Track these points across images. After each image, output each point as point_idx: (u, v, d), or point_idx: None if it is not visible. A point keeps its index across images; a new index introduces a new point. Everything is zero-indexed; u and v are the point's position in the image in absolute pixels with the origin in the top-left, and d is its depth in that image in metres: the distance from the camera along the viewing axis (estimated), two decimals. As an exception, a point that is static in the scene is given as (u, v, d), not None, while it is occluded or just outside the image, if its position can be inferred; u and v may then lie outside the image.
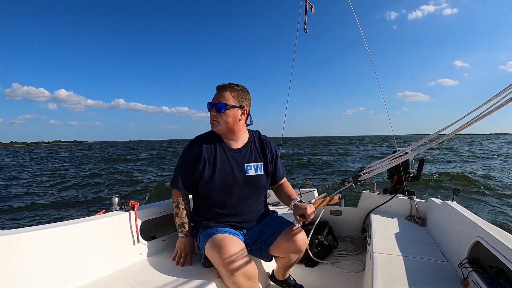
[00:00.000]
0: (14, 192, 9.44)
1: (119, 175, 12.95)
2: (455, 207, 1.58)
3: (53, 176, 13.65)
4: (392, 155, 1.64)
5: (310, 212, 1.34)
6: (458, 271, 1.19)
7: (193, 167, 1.36)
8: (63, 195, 8.92)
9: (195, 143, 1.39)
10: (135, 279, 1.22)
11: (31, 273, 1.02)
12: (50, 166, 19.63)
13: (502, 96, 0.98)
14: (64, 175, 13.94)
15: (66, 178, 12.57)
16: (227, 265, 1.14)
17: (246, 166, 1.41)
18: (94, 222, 1.28)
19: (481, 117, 1.05)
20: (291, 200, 1.48)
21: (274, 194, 1.63)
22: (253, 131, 1.53)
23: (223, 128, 1.35)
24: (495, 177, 9.59)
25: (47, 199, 8.17)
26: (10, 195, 8.93)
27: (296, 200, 1.45)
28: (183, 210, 1.40)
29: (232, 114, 1.34)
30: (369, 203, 2.35)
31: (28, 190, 9.76)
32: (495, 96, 1.01)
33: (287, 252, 1.39)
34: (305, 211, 1.34)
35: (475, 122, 1.07)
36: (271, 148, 1.53)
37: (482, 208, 5.92)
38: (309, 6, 2.43)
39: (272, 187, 1.61)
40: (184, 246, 1.40)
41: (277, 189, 1.61)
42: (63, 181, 11.65)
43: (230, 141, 1.42)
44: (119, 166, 17.14)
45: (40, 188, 10.18)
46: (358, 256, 2.10)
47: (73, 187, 10.35)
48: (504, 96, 0.97)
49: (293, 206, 1.42)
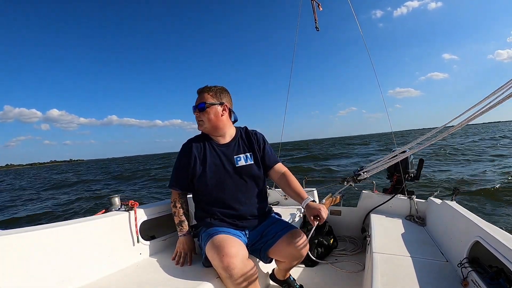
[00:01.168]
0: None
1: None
2: (454, 207, 1.58)
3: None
4: (391, 153, 1.64)
5: (325, 213, 1.32)
6: (458, 271, 1.19)
7: (186, 166, 1.42)
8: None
9: (186, 145, 1.48)
10: (135, 279, 1.22)
11: (31, 273, 1.02)
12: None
13: (501, 92, 0.98)
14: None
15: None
16: (226, 267, 1.13)
17: (236, 158, 1.46)
18: (94, 222, 1.28)
19: (480, 113, 1.05)
20: (300, 197, 1.44)
21: (280, 186, 1.57)
22: (241, 127, 1.59)
23: (208, 125, 1.44)
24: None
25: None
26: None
27: (309, 200, 1.41)
28: (180, 209, 1.44)
29: (213, 111, 1.43)
30: (369, 203, 2.35)
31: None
32: (494, 93, 1.01)
33: (287, 257, 1.39)
34: (320, 212, 1.31)
35: (474, 118, 1.07)
36: (258, 137, 1.56)
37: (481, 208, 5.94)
38: (316, 4, 2.43)
39: (271, 176, 1.56)
40: (183, 245, 1.40)
41: (280, 180, 1.54)
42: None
43: (217, 137, 1.49)
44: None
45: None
46: (358, 256, 2.10)
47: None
48: (503, 92, 0.97)
49: (306, 206, 1.39)
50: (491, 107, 1.01)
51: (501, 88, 0.99)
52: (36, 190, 16.77)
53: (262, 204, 1.50)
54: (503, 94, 0.97)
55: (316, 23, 2.44)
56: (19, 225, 6.80)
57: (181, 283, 1.17)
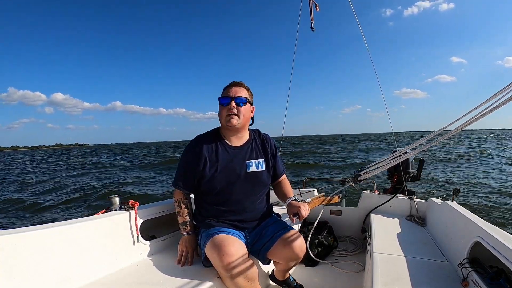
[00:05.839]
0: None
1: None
2: (455, 207, 1.58)
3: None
4: (392, 154, 1.63)
5: (304, 211, 1.36)
6: (458, 271, 1.19)
7: (194, 166, 1.36)
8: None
9: (195, 143, 1.40)
10: (135, 279, 1.22)
11: (31, 273, 1.02)
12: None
13: (503, 94, 0.97)
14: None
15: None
16: (226, 266, 1.14)
17: (248, 163, 1.42)
18: (94, 222, 1.28)
19: (482, 115, 1.04)
20: (286, 197, 1.50)
21: (274, 191, 1.64)
22: (253, 129, 1.55)
23: (241, 122, 1.37)
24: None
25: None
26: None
27: (291, 199, 1.47)
28: (184, 209, 1.41)
29: (248, 109, 1.40)
30: (369, 203, 2.35)
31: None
32: (495, 95, 1.01)
33: (284, 258, 1.39)
34: (299, 210, 1.35)
35: (475, 120, 1.06)
36: (271, 144, 1.55)
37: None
38: (313, 5, 2.43)
39: (272, 184, 1.62)
40: (186, 244, 1.40)
41: (276, 186, 1.62)
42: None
43: (232, 138, 1.43)
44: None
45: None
46: (358, 256, 2.10)
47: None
48: (504, 95, 0.97)
49: (288, 204, 1.45)
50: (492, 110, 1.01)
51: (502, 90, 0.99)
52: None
53: (264, 208, 1.51)
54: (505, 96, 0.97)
55: (312, 23, 2.44)
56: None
57: (182, 283, 1.17)
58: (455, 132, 1.15)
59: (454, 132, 1.16)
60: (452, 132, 1.17)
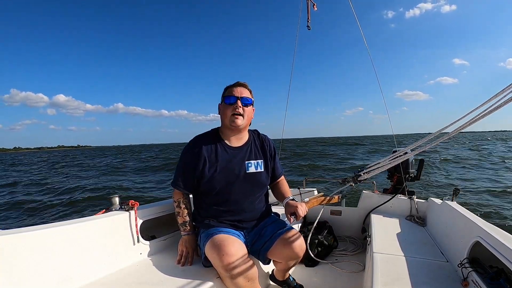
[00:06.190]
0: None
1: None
2: (455, 207, 1.58)
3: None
4: (392, 155, 1.63)
5: (301, 210, 1.36)
6: (458, 271, 1.19)
7: (193, 166, 1.36)
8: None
9: (194, 143, 1.40)
10: (135, 279, 1.22)
11: (31, 273, 1.02)
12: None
13: (503, 95, 0.97)
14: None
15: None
16: (226, 266, 1.14)
17: (247, 164, 1.43)
18: (94, 222, 1.28)
19: (482, 116, 1.04)
20: (284, 197, 1.51)
21: (272, 192, 1.65)
22: (252, 130, 1.56)
23: (245, 123, 1.39)
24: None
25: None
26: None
27: (289, 198, 1.48)
28: (184, 209, 1.41)
29: (251, 111, 1.42)
30: (369, 203, 2.35)
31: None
32: (495, 96, 1.01)
33: (283, 258, 1.39)
34: (296, 209, 1.36)
35: (475, 121, 1.07)
36: (270, 145, 1.56)
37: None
38: (311, 4, 2.43)
39: (270, 185, 1.62)
40: (186, 244, 1.40)
41: (274, 187, 1.63)
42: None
43: (232, 139, 1.43)
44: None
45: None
46: (358, 256, 2.10)
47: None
48: (505, 95, 0.97)
49: (285, 204, 1.45)
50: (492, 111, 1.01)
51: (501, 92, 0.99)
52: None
53: (263, 208, 1.52)
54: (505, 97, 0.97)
55: (308, 22, 2.44)
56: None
57: (182, 283, 1.17)
58: (455, 132, 1.15)
59: (453, 133, 1.16)
60: (452, 133, 1.17)
